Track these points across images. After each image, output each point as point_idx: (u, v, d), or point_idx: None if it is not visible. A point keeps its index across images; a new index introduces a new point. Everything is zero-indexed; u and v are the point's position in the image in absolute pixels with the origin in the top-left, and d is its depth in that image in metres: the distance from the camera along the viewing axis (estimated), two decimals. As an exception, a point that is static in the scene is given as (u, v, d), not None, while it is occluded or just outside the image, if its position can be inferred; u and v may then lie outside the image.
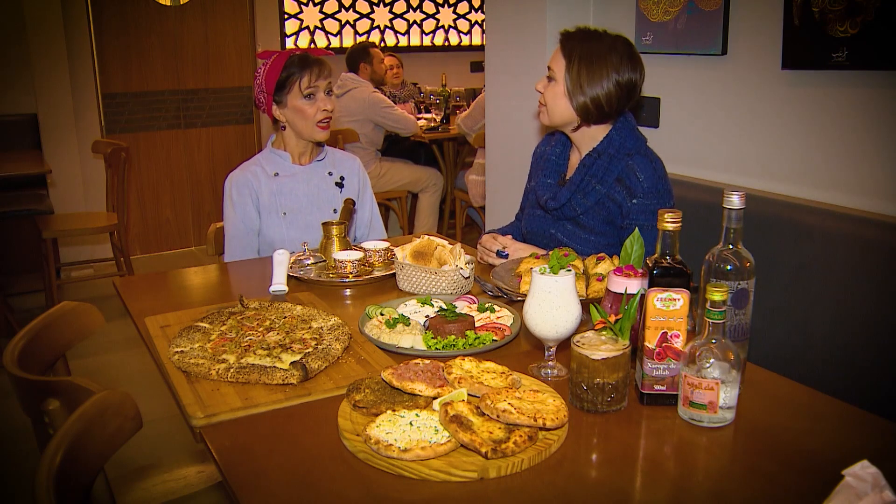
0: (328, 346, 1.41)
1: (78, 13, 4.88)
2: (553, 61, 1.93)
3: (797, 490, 1.02)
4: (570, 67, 1.88)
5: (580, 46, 1.89)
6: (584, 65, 1.87)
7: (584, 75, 1.87)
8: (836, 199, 2.05)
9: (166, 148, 5.42)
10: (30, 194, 4.42)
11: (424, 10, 6.56)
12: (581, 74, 1.87)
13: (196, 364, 1.34)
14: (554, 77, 1.92)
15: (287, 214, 2.25)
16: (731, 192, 1.24)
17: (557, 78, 1.91)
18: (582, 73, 1.87)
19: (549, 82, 1.94)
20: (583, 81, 1.87)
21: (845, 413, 1.24)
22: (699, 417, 1.17)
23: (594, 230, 1.95)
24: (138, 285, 2.04)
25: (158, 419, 2.83)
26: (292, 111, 2.21)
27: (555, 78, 1.92)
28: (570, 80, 1.88)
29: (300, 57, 2.22)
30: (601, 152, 1.92)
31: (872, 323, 1.81)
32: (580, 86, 1.87)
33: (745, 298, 1.28)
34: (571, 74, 1.88)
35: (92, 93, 5.01)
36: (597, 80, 1.86)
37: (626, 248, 1.45)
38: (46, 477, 1.00)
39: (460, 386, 1.20)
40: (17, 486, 2.65)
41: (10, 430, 2.98)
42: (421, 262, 1.81)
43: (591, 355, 1.18)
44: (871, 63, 1.91)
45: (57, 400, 1.25)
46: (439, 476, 1.03)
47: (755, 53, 2.24)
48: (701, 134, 2.46)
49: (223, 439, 1.15)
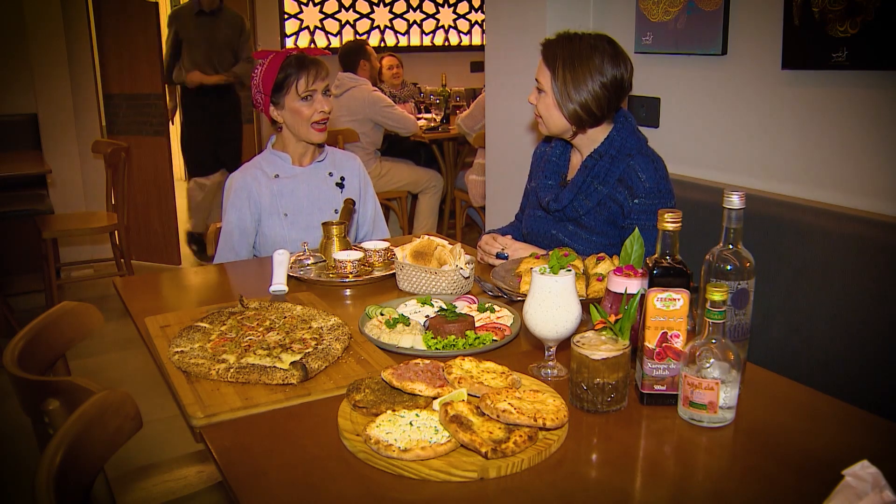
0: (328, 346, 1.41)
1: (78, 13, 4.87)
2: (539, 73, 1.93)
3: (797, 490, 1.02)
4: (555, 77, 1.89)
5: (561, 53, 1.88)
6: (567, 72, 1.87)
7: (570, 82, 1.86)
8: (836, 199, 2.05)
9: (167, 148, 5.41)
10: (30, 194, 4.43)
11: (424, 10, 6.57)
12: (566, 82, 1.87)
13: (196, 364, 1.34)
14: (542, 88, 1.92)
15: (288, 215, 2.24)
16: (731, 192, 1.24)
17: (546, 89, 1.91)
18: (567, 80, 1.87)
19: (539, 94, 1.95)
20: (569, 89, 1.87)
21: (845, 413, 1.24)
22: (699, 417, 1.17)
23: (595, 231, 1.95)
24: (138, 285, 2.04)
25: (158, 419, 2.83)
26: (289, 112, 2.21)
27: (543, 89, 1.92)
28: (557, 89, 1.88)
29: (297, 58, 2.20)
30: (602, 153, 1.92)
31: (872, 323, 1.80)
32: (567, 94, 1.87)
33: (745, 298, 1.28)
34: (557, 84, 1.88)
35: (92, 93, 5.01)
36: (582, 85, 1.86)
37: (626, 248, 1.45)
38: (46, 477, 1.00)
39: (460, 386, 1.20)
40: (17, 486, 2.65)
41: (10, 430, 2.98)
42: (421, 262, 1.81)
43: (591, 355, 1.18)
44: (871, 63, 1.91)
45: (57, 400, 1.25)
46: (439, 476, 1.03)
47: (755, 53, 2.24)
48: (701, 134, 2.46)
49: (223, 439, 1.15)
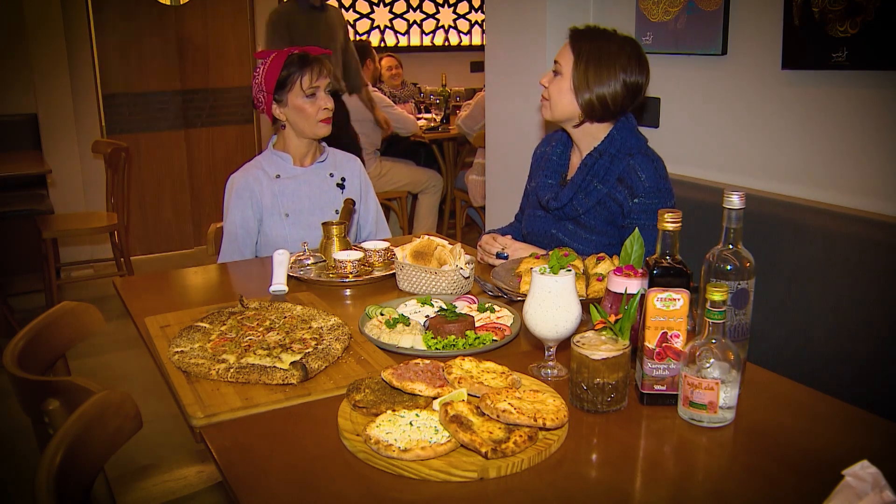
0: (328, 346, 1.41)
1: (78, 13, 4.88)
2: (561, 56, 1.93)
3: (797, 490, 1.02)
4: (577, 63, 1.89)
5: (590, 44, 1.89)
6: (592, 62, 1.88)
7: (592, 72, 1.88)
8: (836, 199, 2.05)
9: (167, 148, 5.42)
10: (30, 194, 4.42)
11: (424, 10, 6.56)
12: (589, 71, 1.88)
13: (196, 364, 1.34)
14: (560, 72, 1.92)
15: (289, 216, 2.24)
16: (731, 192, 1.24)
17: (564, 73, 1.91)
18: (590, 70, 1.88)
19: (554, 76, 1.94)
20: (590, 78, 1.88)
21: (845, 413, 1.24)
22: (699, 417, 1.17)
23: (595, 230, 1.95)
24: (138, 285, 2.04)
25: (158, 419, 2.83)
26: (293, 110, 2.21)
27: (561, 73, 1.92)
28: (577, 76, 1.89)
29: (300, 55, 2.22)
30: (602, 152, 1.92)
31: (872, 323, 1.80)
32: (587, 82, 1.88)
33: (745, 298, 1.28)
34: (579, 70, 1.89)
35: (92, 93, 5.01)
36: (605, 79, 1.87)
37: (626, 248, 1.45)
38: (46, 477, 1.00)
39: (460, 386, 1.20)
40: (17, 486, 2.65)
41: (10, 430, 2.98)
42: (421, 262, 1.81)
43: (591, 355, 1.18)
44: (871, 63, 1.91)
45: (57, 400, 1.25)
46: (439, 476, 1.03)
47: (755, 53, 2.24)
48: (701, 134, 2.46)
49: (223, 439, 1.15)
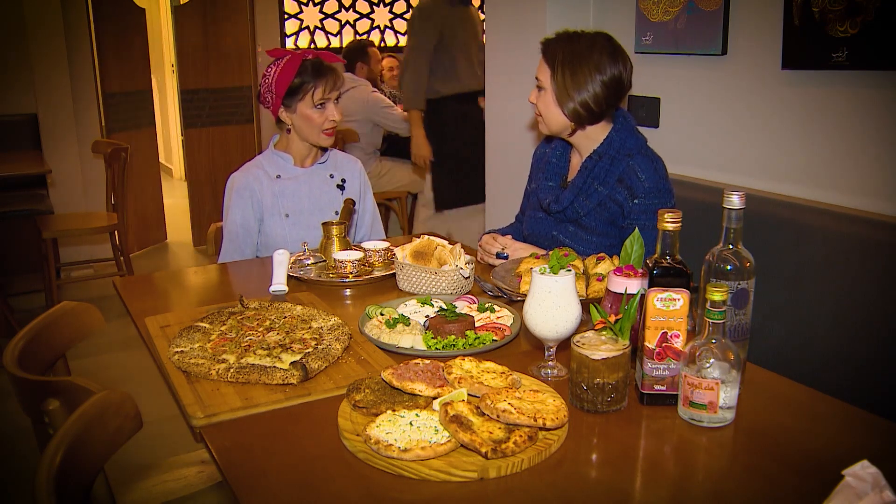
0: (328, 346, 1.41)
1: (78, 13, 4.88)
2: (539, 71, 1.94)
3: (797, 490, 1.02)
4: (554, 75, 1.89)
5: (561, 51, 1.89)
6: (567, 69, 1.87)
7: (569, 80, 1.87)
8: (836, 199, 2.05)
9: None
10: (30, 194, 4.43)
11: (424, 10, 6.55)
12: (566, 80, 1.88)
13: (196, 364, 1.34)
14: (543, 86, 1.93)
15: (290, 216, 2.24)
16: (731, 192, 1.24)
17: (546, 87, 1.92)
18: (566, 78, 1.87)
19: (539, 92, 1.95)
20: (568, 86, 1.88)
21: (845, 413, 1.24)
22: (699, 417, 1.17)
23: (596, 231, 1.95)
24: (138, 285, 2.04)
25: (158, 419, 2.83)
26: (300, 117, 2.21)
27: (543, 87, 1.93)
28: (557, 87, 1.89)
29: (314, 64, 2.18)
30: (602, 154, 1.93)
31: (872, 323, 1.80)
32: (567, 92, 1.88)
33: (745, 298, 1.28)
34: (557, 81, 1.89)
35: (92, 93, 5.01)
36: (582, 84, 1.87)
37: (626, 248, 1.45)
38: (46, 477, 1.00)
39: (460, 386, 1.20)
40: (17, 486, 2.65)
41: (10, 430, 2.98)
42: (421, 262, 1.81)
43: (591, 355, 1.18)
44: (871, 63, 1.91)
45: (57, 400, 1.25)
46: (439, 476, 1.03)
47: (755, 53, 2.24)
48: (701, 134, 2.46)
49: (223, 439, 1.15)
